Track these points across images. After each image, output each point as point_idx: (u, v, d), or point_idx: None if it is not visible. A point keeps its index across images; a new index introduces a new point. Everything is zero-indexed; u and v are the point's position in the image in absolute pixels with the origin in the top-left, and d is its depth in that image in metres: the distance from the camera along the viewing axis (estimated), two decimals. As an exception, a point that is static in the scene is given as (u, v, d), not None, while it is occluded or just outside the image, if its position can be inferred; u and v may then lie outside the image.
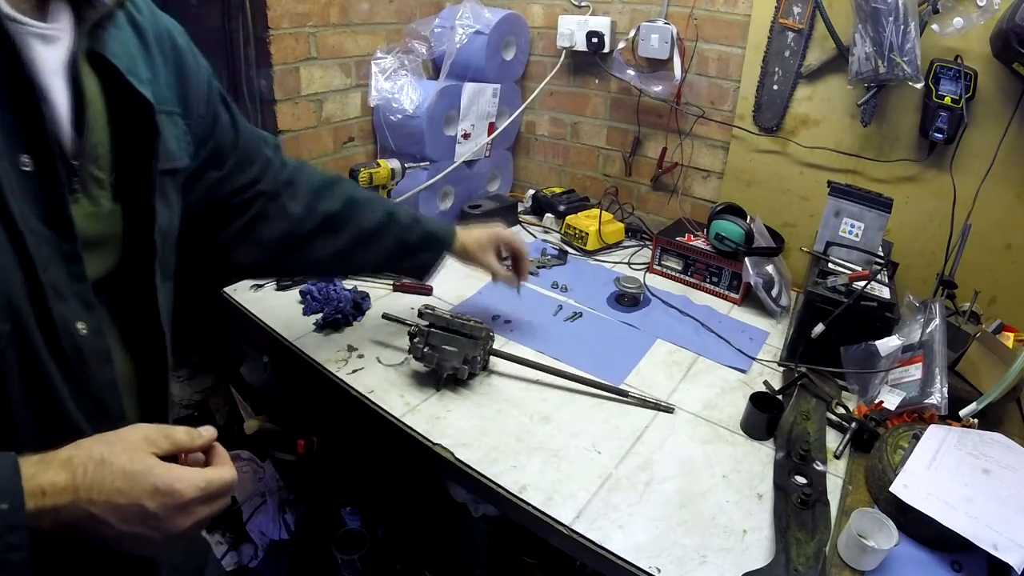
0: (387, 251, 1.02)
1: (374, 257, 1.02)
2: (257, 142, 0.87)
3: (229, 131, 0.80)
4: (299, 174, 0.94)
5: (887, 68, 1.22)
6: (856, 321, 1.12)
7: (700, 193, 1.72)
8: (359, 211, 0.98)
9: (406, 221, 1.04)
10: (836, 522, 0.85)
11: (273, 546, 1.66)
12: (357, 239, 0.98)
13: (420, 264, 1.09)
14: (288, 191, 0.91)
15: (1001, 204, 1.28)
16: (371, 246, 1.00)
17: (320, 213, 0.94)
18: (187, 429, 0.53)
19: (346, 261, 1.02)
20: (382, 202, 1.05)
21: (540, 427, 1.02)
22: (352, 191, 1.00)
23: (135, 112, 0.56)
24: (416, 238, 1.05)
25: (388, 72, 1.65)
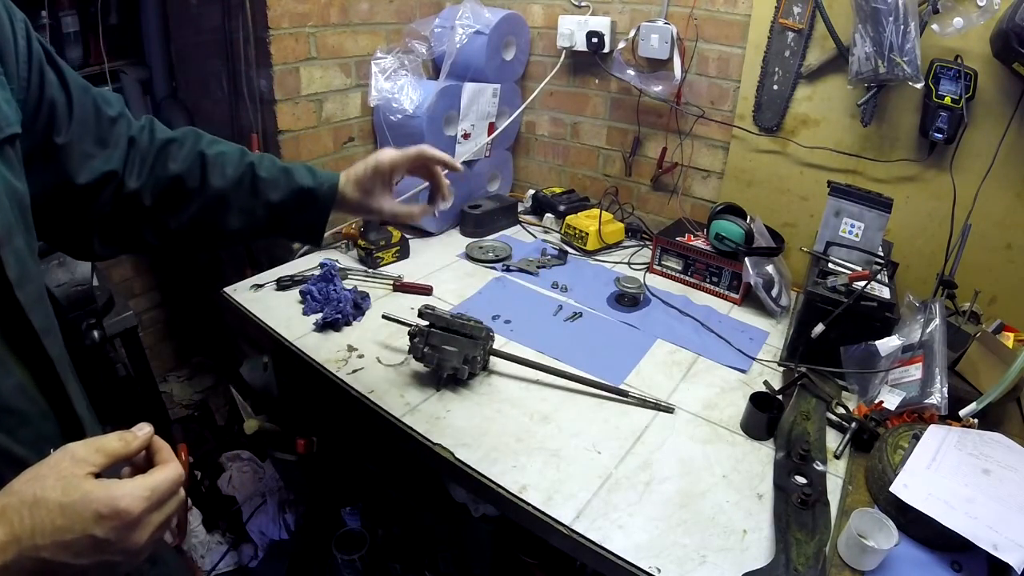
0: (250, 215, 0.81)
1: (235, 224, 0.81)
2: (97, 103, 0.72)
3: (60, 93, 0.66)
4: (142, 133, 0.76)
5: (887, 68, 1.22)
6: (856, 321, 1.12)
7: (700, 193, 1.72)
8: (210, 169, 0.78)
9: (268, 175, 0.82)
10: (836, 522, 0.85)
11: (273, 546, 1.67)
12: (208, 204, 0.78)
13: (300, 227, 0.87)
14: (131, 153, 0.74)
15: (1001, 204, 1.28)
16: (228, 212, 0.80)
17: (162, 179, 0.75)
18: (120, 434, 0.49)
19: (200, 234, 0.80)
20: (238, 154, 0.82)
21: (540, 427, 1.02)
22: (202, 144, 0.79)
23: None
24: (282, 197, 0.82)
25: (388, 72, 1.65)
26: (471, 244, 1.65)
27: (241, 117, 1.49)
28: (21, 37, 0.61)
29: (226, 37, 1.42)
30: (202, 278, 1.90)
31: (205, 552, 1.64)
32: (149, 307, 2.11)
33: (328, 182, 0.85)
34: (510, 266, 1.55)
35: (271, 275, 1.42)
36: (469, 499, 1.35)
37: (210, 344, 2.20)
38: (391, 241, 1.54)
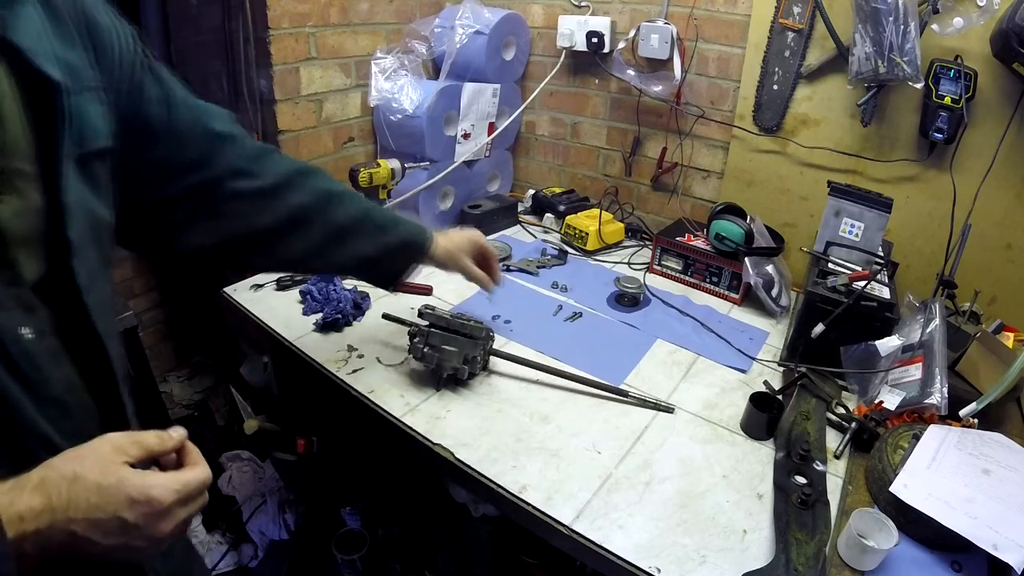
0: (361, 252, 0.93)
1: (346, 258, 0.93)
2: (202, 120, 0.77)
3: (160, 106, 0.71)
4: (264, 160, 0.84)
5: (887, 68, 1.22)
6: (856, 321, 1.12)
7: (700, 193, 1.72)
8: (334, 206, 0.89)
9: (383, 221, 0.96)
10: (836, 522, 0.85)
11: (273, 546, 1.66)
12: (329, 237, 0.89)
13: (394, 269, 1.00)
14: (245, 177, 0.80)
15: (1001, 204, 1.28)
16: (344, 245, 0.91)
17: (288, 205, 0.84)
18: (157, 433, 0.52)
19: (315, 259, 0.92)
20: (358, 198, 0.95)
21: (540, 427, 1.02)
22: (327, 183, 0.91)
23: (47, 95, 0.51)
24: (395, 241, 0.97)
25: (388, 72, 1.65)
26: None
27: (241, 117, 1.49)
28: (127, 51, 0.64)
29: (226, 37, 1.42)
30: (202, 278, 1.90)
31: (205, 552, 1.64)
32: (149, 307, 2.11)
33: (428, 236, 1.02)
34: (510, 266, 1.55)
35: (271, 275, 1.42)
36: (469, 499, 1.35)
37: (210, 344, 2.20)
38: (391, 241, 1.53)
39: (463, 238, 1.09)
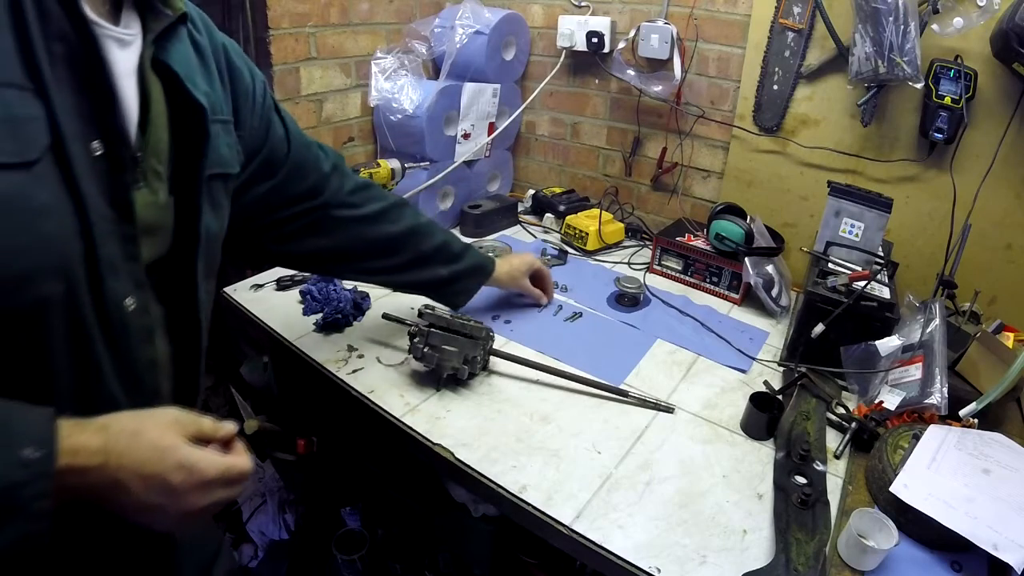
0: (437, 275, 1.12)
1: (422, 280, 1.12)
2: (315, 155, 0.92)
3: (282, 143, 0.85)
4: (365, 193, 1.01)
5: (887, 68, 1.22)
6: (856, 321, 1.12)
7: (700, 193, 1.72)
8: (419, 237, 1.07)
9: (457, 250, 1.14)
10: (836, 522, 0.85)
11: (273, 546, 1.66)
12: (412, 262, 1.07)
13: (461, 291, 1.18)
14: (349, 207, 0.97)
15: (1001, 204, 1.28)
16: (424, 269, 1.10)
17: (382, 234, 1.02)
18: (212, 420, 0.57)
19: (393, 278, 1.10)
20: (439, 230, 1.13)
21: (540, 427, 1.02)
22: (415, 217, 1.08)
23: (191, 116, 0.60)
24: (464, 268, 1.15)
25: (388, 72, 1.65)
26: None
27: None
28: (260, 94, 0.78)
29: (226, 37, 1.42)
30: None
31: (205, 552, 1.63)
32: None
33: (493, 262, 1.23)
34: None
35: (271, 275, 1.41)
36: (469, 499, 1.35)
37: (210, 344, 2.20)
38: (391, 241, 1.53)
39: (521, 261, 1.28)
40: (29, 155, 0.44)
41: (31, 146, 0.45)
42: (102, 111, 0.51)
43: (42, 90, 0.45)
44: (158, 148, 0.57)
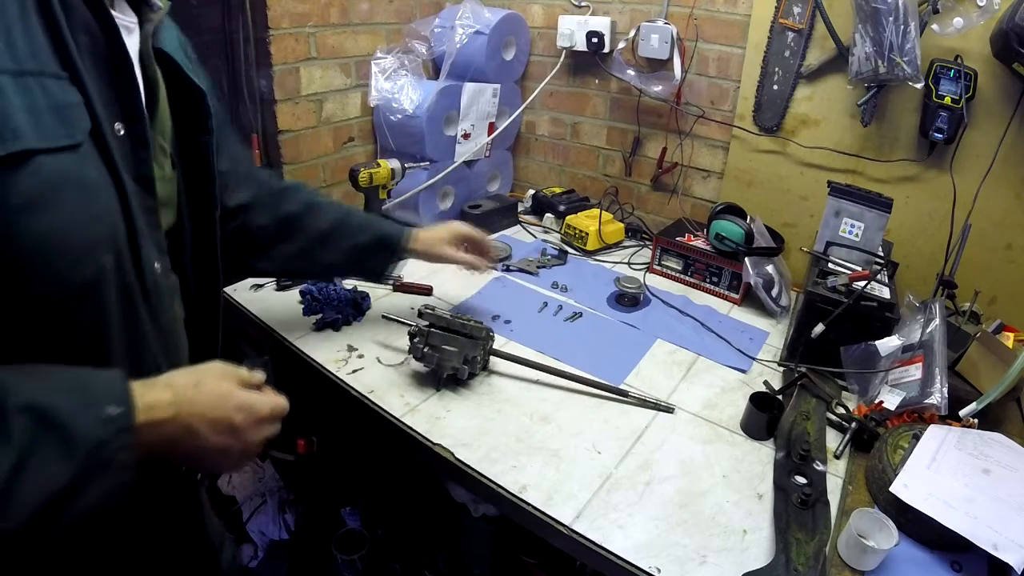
0: (342, 253, 1.06)
1: (329, 259, 1.06)
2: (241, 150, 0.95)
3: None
4: (257, 176, 0.98)
5: (887, 68, 1.22)
6: (856, 321, 1.12)
7: (700, 193, 1.72)
8: (315, 214, 1.03)
9: (358, 223, 1.08)
10: (836, 522, 0.85)
11: (273, 546, 1.66)
12: (313, 242, 1.02)
13: (375, 266, 1.12)
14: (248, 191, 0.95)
15: (1001, 204, 1.28)
16: (326, 249, 1.04)
17: (280, 215, 0.98)
18: (246, 370, 0.64)
19: (302, 263, 1.04)
20: (337, 205, 1.09)
21: (540, 427, 1.02)
22: (311, 195, 1.05)
23: (190, 98, 0.65)
24: (368, 240, 1.08)
25: (388, 72, 1.65)
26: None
27: (241, 117, 1.49)
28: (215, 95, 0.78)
29: (226, 37, 1.42)
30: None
31: (205, 552, 1.63)
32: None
33: (406, 232, 1.12)
34: (510, 266, 1.55)
35: (271, 275, 1.41)
36: (469, 499, 1.35)
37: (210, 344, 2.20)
38: (391, 241, 1.54)
39: (443, 229, 1.17)
40: (77, 138, 0.48)
41: (77, 129, 0.48)
42: (124, 95, 0.54)
43: (76, 78, 0.49)
44: (164, 127, 0.62)
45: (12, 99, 0.44)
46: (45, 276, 0.48)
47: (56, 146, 0.47)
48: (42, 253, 0.47)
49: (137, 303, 0.57)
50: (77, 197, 0.48)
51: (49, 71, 0.47)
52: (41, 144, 0.46)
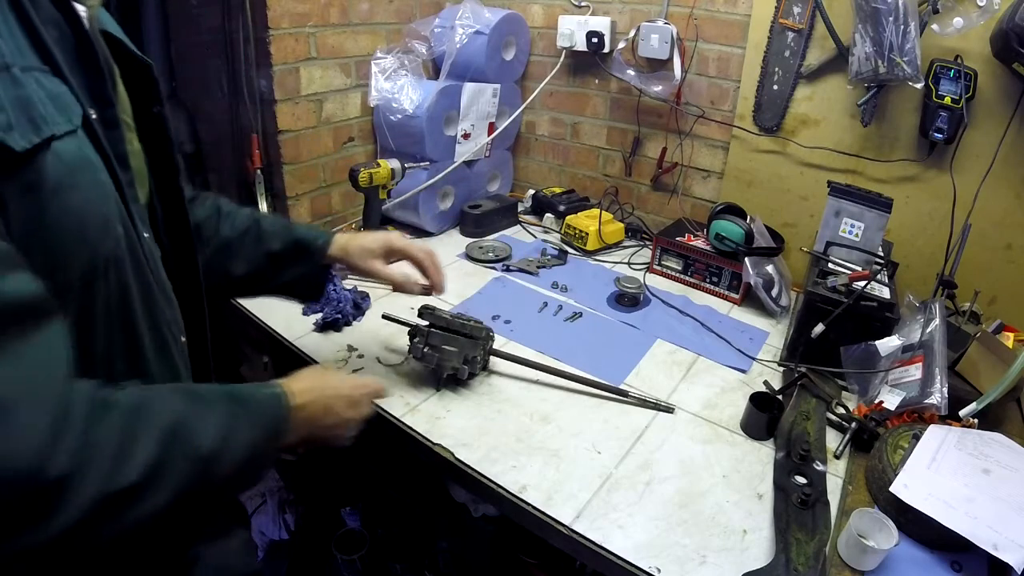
0: (253, 263, 0.92)
1: (239, 271, 0.91)
2: None
3: None
4: None
5: (887, 68, 1.22)
6: (856, 321, 1.12)
7: (700, 193, 1.72)
8: (221, 221, 0.90)
9: (270, 228, 0.93)
10: (836, 522, 0.85)
11: (273, 546, 1.66)
12: (220, 252, 0.90)
13: (292, 279, 0.96)
14: None
15: (1001, 204, 1.28)
16: (234, 258, 0.90)
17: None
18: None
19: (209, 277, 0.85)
20: (248, 211, 0.95)
21: (540, 427, 1.02)
22: (217, 203, 0.92)
23: (138, 72, 0.66)
24: (281, 247, 0.93)
25: (388, 72, 1.65)
26: (471, 244, 1.65)
27: (241, 117, 1.49)
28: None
29: (226, 37, 1.42)
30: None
31: (205, 552, 1.63)
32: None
33: (324, 238, 0.97)
34: (510, 266, 1.55)
35: (271, 275, 1.41)
36: (469, 499, 1.35)
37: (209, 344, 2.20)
38: (391, 241, 1.53)
39: (372, 239, 1.00)
40: (75, 122, 0.51)
41: (73, 115, 0.51)
42: (93, 82, 0.56)
43: (57, 70, 0.51)
44: (124, 104, 0.64)
45: (29, 90, 0.48)
46: (80, 252, 0.52)
47: (65, 131, 0.50)
48: (76, 230, 0.51)
49: (144, 270, 0.61)
50: (89, 176, 0.53)
51: (36, 66, 0.50)
52: (57, 130, 0.49)
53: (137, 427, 0.51)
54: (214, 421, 0.57)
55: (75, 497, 0.45)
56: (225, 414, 0.59)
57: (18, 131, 0.46)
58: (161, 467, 0.51)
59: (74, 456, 0.45)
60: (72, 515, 0.45)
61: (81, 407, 0.48)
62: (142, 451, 0.50)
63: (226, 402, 0.61)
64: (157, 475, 0.51)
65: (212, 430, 0.56)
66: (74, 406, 0.47)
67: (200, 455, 0.55)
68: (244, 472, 0.62)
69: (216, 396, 0.61)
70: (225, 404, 0.60)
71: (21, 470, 0.43)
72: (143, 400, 0.54)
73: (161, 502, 0.51)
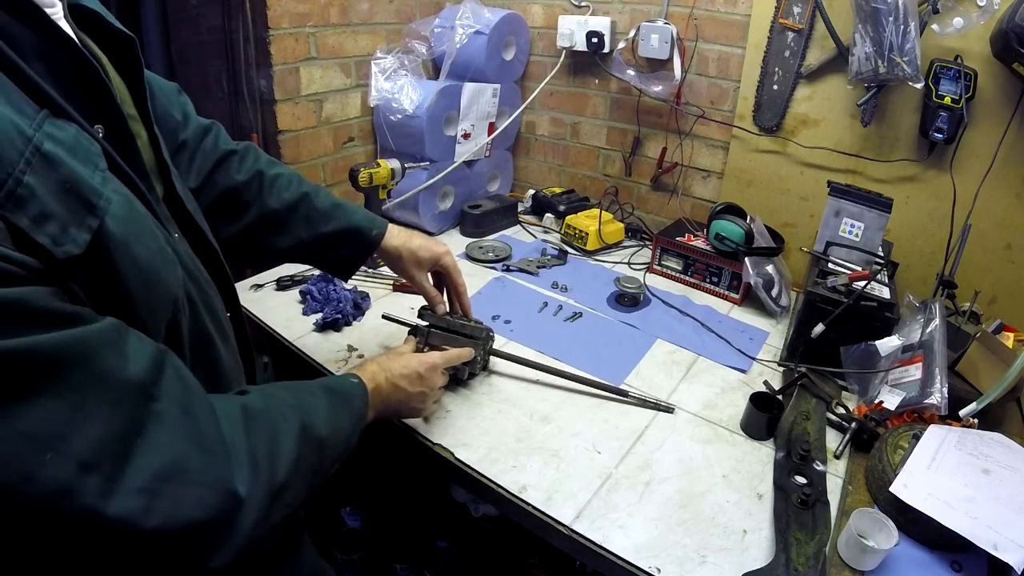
0: (299, 240, 0.89)
1: (285, 244, 0.89)
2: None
3: None
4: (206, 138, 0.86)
5: (887, 68, 1.22)
6: (856, 321, 1.12)
7: (700, 193, 1.72)
8: (267, 188, 0.87)
9: (324, 207, 0.90)
10: (836, 522, 0.85)
11: (273, 546, 1.66)
12: (262, 221, 0.87)
13: (339, 260, 0.96)
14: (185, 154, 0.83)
15: (1001, 204, 1.28)
16: (280, 232, 0.88)
17: (220, 186, 0.84)
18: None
19: (247, 246, 0.88)
20: (298, 181, 0.91)
21: (540, 427, 1.02)
22: (262, 163, 0.88)
23: (121, 51, 0.61)
24: (334, 229, 0.91)
25: (388, 72, 1.65)
26: (471, 244, 1.65)
27: (241, 117, 1.49)
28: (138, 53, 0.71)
29: (226, 37, 1.42)
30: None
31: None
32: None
33: (379, 228, 0.96)
34: (510, 266, 1.55)
35: (271, 275, 1.41)
36: (469, 499, 1.35)
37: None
38: (391, 241, 1.53)
39: (426, 248, 0.99)
40: (102, 166, 0.47)
41: (95, 157, 0.47)
42: (97, 98, 0.52)
43: (59, 109, 0.46)
44: (123, 95, 0.60)
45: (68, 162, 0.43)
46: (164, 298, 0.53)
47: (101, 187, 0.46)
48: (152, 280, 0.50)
49: (194, 273, 0.61)
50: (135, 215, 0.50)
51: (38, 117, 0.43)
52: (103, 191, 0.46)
53: (278, 427, 0.56)
54: (323, 412, 0.64)
55: (254, 506, 0.50)
56: (327, 404, 0.66)
57: (74, 226, 0.42)
58: (299, 460, 0.57)
59: (246, 469, 0.50)
60: (249, 523, 0.49)
61: (234, 424, 0.52)
62: (287, 448, 0.55)
63: (325, 394, 0.68)
64: (298, 468, 0.56)
65: (322, 420, 0.63)
66: (230, 422, 0.52)
67: (321, 443, 0.61)
68: (342, 454, 0.68)
69: (316, 389, 0.68)
70: (325, 395, 0.68)
71: (216, 506, 0.47)
72: (269, 400, 0.59)
73: (301, 491, 0.57)
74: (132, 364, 0.44)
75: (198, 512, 0.45)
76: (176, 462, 0.45)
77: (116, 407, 0.43)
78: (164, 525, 0.43)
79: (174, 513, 0.44)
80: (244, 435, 0.51)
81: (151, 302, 0.50)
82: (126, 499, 0.42)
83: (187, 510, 0.45)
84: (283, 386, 0.66)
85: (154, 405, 0.45)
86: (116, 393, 0.43)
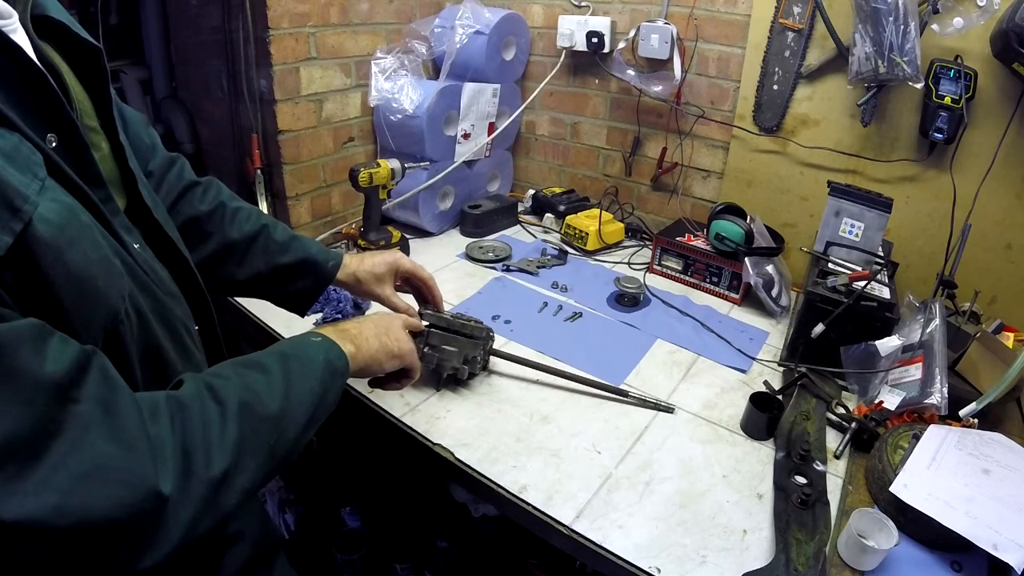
0: (256, 271, 0.90)
1: (242, 275, 0.90)
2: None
3: None
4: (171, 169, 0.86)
5: (887, 68, 1.22)
6: (856, 321, 1.12)
7: (700, 193, 1.72)
8: (229, 220, 0.88)
9: (281, 238, 0.92)
10: (836, 522, 0.85)
11: (273, 546, 1.66)
12: (222, 251, 0.88)
13: (295, 292, 0.95)
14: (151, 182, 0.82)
15: (1001, 204, 1.28)
16: (238, 262, 0.89)
17: (183, 215, 0.85)
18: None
19: (206, 277, 0.83)
20: (257, 214, 0.93)
21: (540, 427, 1.02)
22: (223, 196, 0.90)
23: (86, 61, 0.61)
24: (291, 260, 0.92)
25: (388, 72, 1.65)
26: (471, 244, 1.65)
27: (241, 117, 1.49)
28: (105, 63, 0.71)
29: (226, 37, 1.42)
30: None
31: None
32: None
33: (334, 260, 0.97)
34: (510, 266, 1.55)
35: (271, 275, 1.41)
36: (469, 499, 1.35)
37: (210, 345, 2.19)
38: (391, 241, 1.54)
39: (380, 262, 0.99)
40: (41, 175, 0.47)
41: (35, 166, 0.47)
42: (47, 108, 0.51)
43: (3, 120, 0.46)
44: (84, 106, 0.60)
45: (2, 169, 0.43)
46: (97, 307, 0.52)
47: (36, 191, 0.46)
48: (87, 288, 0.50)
49: (147, 283, 0.60)
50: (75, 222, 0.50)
51: None
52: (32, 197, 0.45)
53: (211, 414, 0.54)
54: (273, 384, 0.61)
55: (186, 501, 0.48)
56: (280, 374, 0.63)
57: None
58: (244, 442, 0.54)
59: (173, 465, 0.48)
60: (184, 519, 0.48)
61: (161, 420, 0.50)
62: (228, 433, 0.54)
63: (278, 362, 0.64)
64: (244, 450, 0.54)
65: (272, 392, 0.60)
66: (156, 419, 0.50)
67: (271, 417, 0.58)
68: (312, 418, 0.65)
69: (268, 361, 0.64)
70: (278, 364, 0.64)
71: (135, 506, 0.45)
72: (206, 386, 0.56)
73: (258, 471, 0.56)
74: (50, 364, 0.43)
75: (116, 512, 0.44)
76: (95, 462, 0.44)
77: (27, 407, 0.42)
78: (79, 524, 0.43)
79: (89, 513, 0.43)
80: (171, 430, 0.50)
81: (85, 310, 0.49)
82: (31, 499, 0.41)
83: (105, 510, 0.44)
84: (231, 363, 0.64)
85: (74, 407, 0.44)
86: (28, 393, 0.42)
